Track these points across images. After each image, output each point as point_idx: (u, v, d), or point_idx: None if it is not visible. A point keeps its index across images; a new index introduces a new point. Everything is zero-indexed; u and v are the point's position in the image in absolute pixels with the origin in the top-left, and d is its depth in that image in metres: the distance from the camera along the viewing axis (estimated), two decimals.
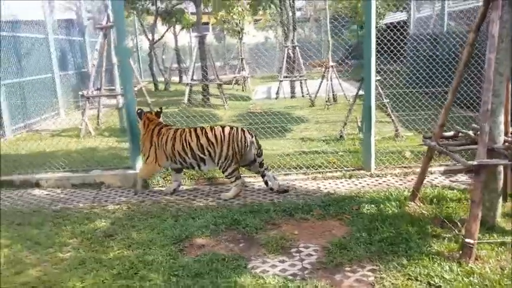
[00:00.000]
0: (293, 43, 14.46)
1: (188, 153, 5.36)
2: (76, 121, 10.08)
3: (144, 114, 5.63)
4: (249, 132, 5.41)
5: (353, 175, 5.90)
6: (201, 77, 12.84)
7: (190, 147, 5.34)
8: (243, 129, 5.40)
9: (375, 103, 5.98)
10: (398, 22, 12.61)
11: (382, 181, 5.70)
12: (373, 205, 4.73)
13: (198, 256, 3.86)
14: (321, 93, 12.31)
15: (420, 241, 3.86)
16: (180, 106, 11.96)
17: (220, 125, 5.50)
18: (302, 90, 14.89)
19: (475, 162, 3.58)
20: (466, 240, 3.51)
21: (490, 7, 3.67)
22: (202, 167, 5.47)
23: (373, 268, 3.55)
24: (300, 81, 14.79)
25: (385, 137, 7.67)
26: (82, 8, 13.81)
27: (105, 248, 4.12)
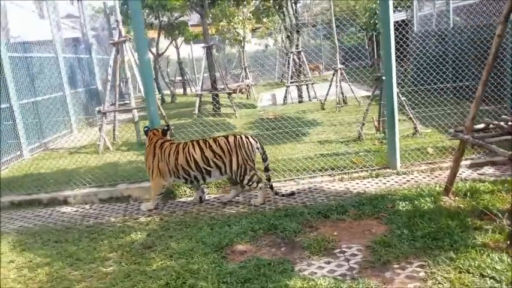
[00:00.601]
0: (297, 48, 14.55)
1: (192, 166, 5.29)
2: (89, 137, 10.12)
3: (150, 131, 5.60)
4: (253, 137, 5.44)
5: (379, 174, 5.91)
6: (210, 87, 12.88)
7: (194, 160, 5.28)
8: (246, 136, 5.42)
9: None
10: (397, 21, 12.72)
11: (410, 178, 5.71)
12: (407, 202, 4.73)
13: (243, 262, 3.86)
14: (328, 96, 12.41)
15: (463, 234, 3.87)
16: (192, 117, 12.00)
17: (223, 136, 5.49)
18: (309, 95, 14.96)
19: None
20: None
21: None
22: (207, 179, 5.42)
23: (421, 264, 3.55)
24: (306, 85, 14.86)
25: (404, 135, 7.68)
26: (87, 26, 13.92)
27: (146, 259, 4.12)
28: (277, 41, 26.70)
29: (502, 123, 4.36)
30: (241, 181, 5.33)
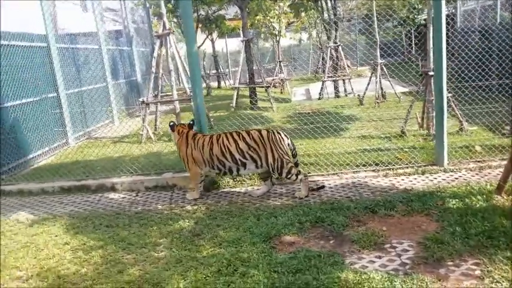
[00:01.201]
0: (335, 43, 14.40)
1: (228, 157, 5.38)
2: (130, 127, 10.37)
3: (176, 126, 5.78)
4: (284, 134, 5.47)
5: (426, 171, 5.81)
6: (248, 80, 12.93)
7: (229, 152, 5.37)
8: (278, 131, 5.46)
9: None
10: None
11: (458, 176, 5.58)
12: (458, 200, 4.64)
13: (292, 253, 3.90)
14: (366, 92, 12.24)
15: None
16: (229, 110, 12.10)
17: (256, 129, 5.54)
18: (345, 90, 14.80)
19: None
20: None
21: None
22: (241, 171, 5.50)
23: (476, 262, 3.48)
24: (343, 80, 14.71)
25: (449, 132, 7.49)
26: (129, 19, 14.22)
27: (196, 246, 4.22)
28: (312, 36, 26.45)
29: None
30: (280, 174, 5.37)
